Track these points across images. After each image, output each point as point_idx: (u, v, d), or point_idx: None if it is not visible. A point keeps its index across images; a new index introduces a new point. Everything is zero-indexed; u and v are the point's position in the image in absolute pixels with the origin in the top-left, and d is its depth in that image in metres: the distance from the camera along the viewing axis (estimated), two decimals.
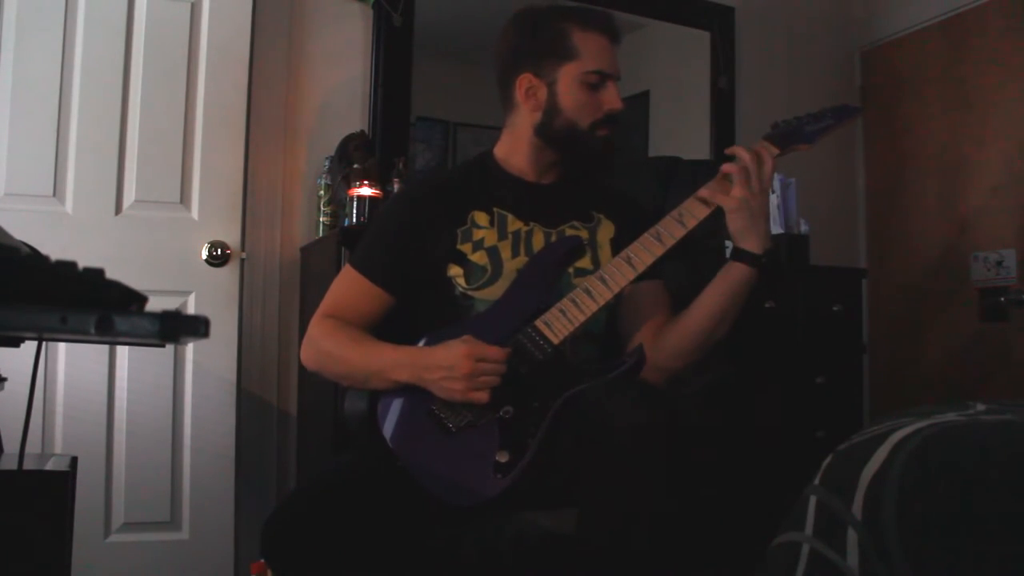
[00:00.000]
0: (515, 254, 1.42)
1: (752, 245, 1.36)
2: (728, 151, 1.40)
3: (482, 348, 1.26)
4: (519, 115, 1.48)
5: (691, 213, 1.36)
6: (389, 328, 1.43)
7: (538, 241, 1.44)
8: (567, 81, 1.42)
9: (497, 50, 1.49)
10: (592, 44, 1.42)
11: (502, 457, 1.24)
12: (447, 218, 1.44)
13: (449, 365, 1.26)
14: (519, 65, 1.46)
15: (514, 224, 1.45)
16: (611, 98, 1.43)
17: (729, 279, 1.38)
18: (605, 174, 1.53)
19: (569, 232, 1.47)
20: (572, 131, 1.43)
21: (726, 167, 1.37)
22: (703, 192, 1.37)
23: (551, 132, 1.45)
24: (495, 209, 1.46)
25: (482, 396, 1.26)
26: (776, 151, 1.40)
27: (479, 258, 1.41)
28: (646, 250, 1.34)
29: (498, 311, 1.37)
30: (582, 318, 1.32)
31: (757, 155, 1.37)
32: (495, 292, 1.39)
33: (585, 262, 1.44)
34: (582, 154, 1.46)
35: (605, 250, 1.47)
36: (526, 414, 1.27)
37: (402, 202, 1.56)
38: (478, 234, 1.43)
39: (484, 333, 1.32)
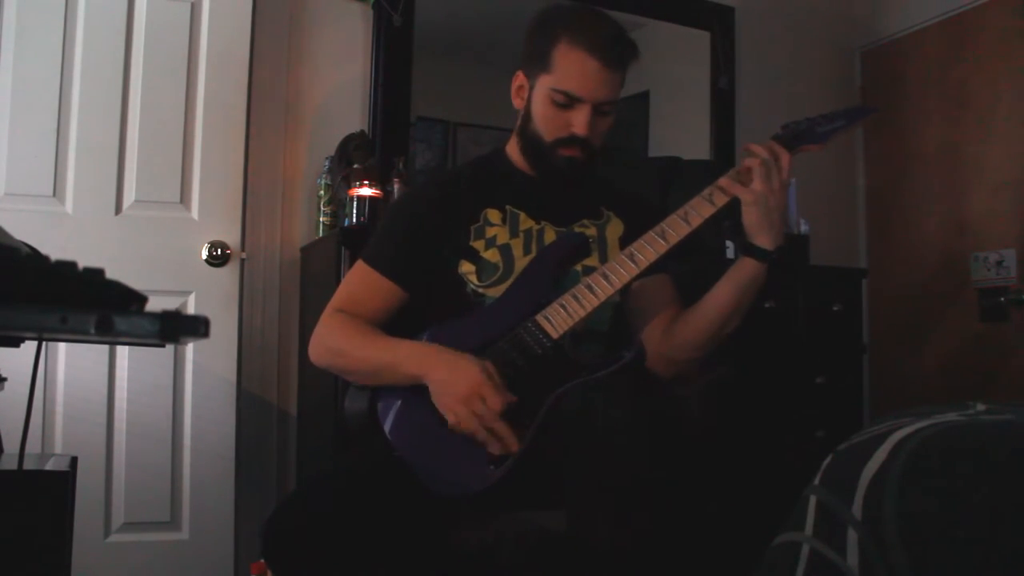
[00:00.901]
0: (527, 252, 1.42)
1: (764, 241, 1.35)
2: (745, 147, 1.38)
3: (490, 388, 1.24)
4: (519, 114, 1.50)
5: (697, 212, 1.35)
6: (399, 324, 1.43)
7: (549, 239, 1.44)
8: (540, 91, 1.41)
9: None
10: (572, 63, 1.37)
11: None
12: (460, 215, 1.44)
13: (455, 380, 1.25)
14: (520, 61, 1.46)
15: (526, 222, 1.45)
16: (578, 122, 1.39)
17: (739, 274, 1.38)
18: (570, 189, 1.51)
19: (579, 231, 1.47)
20: (537, 142, 1.43)
21: (748, 162, 1.35)
22: (723, 181, 1.36)
23: (524, 135, 1.46)
24: (507, 207, 1.46)
25: (456, 423, 1.24)
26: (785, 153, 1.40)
27: (491, 256, 1.41)
28: (650, 247, 1.34)
29: (501, 305, 1.37)
30: (582, 313, 1.32)
31: (772, 152, 1.36)
32: None
33: (593, 260, 1.44)
34: (543, 167, 1.46)
35: (614, 248, 1.47)
36: (522, 407, 1.27)
37: (414, 198, 1.55)
38: (490, 231, 1.43)
39: (486, 326, 1.32)
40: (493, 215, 1.45)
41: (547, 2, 1.48)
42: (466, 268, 1.41)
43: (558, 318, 1.32)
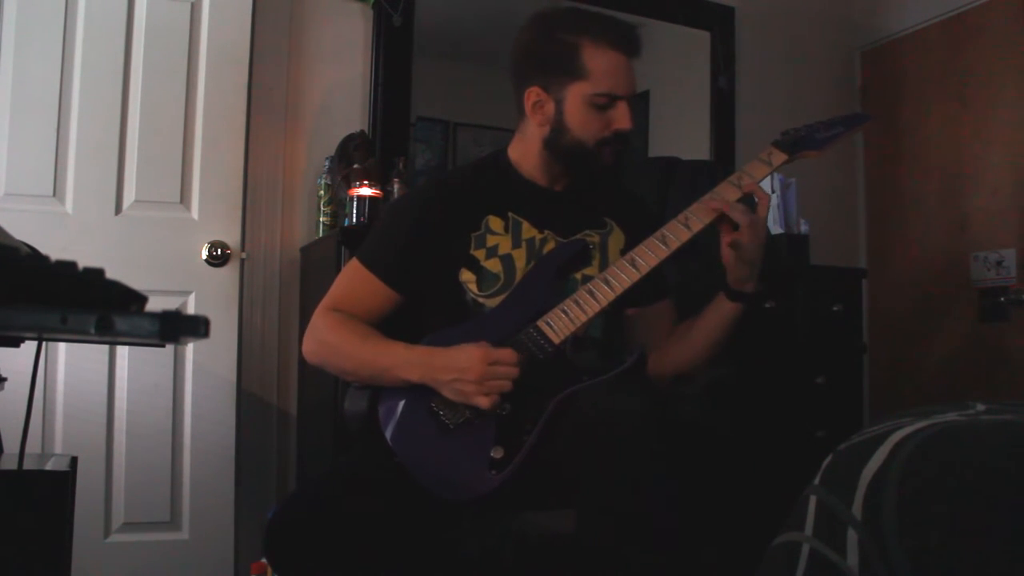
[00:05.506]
0: (528, 262, 1.41)
1: (748, 287, 1.39)
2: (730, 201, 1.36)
3: (495, 351, 1.26)
4: (529, 125, 1.46)
5: (697, 217, 1.36)
6: (394, 326, 1.42)
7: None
8: (575, 100, 1.39)
9: (511, 52, 1.47)
10: (604, 63, 1.38)
11: (497, 453, 1.24)
12: (461, 221, 1.43)
13: (462, 368, 1.25)
14: (529, 76, 1.43)
15: (529, 232, 1.44)
16: (620, 118, 1.40)
17: (721, 315, 1.42)
18: (610, 180, 1.53)
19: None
20: (578, 149, 1.41)
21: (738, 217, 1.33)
22: (725, 191, 1.37)
23: (557, 148, 1.43)
24: (510, 214, 1.44)
25: (485, 401, 1.25)
26: (784, 158, 1.40)
27: (492, 265, 1.40)
28: (651, 253, 1.34)
29: (502, 311, 1.37)
30: (584, 318, 1.32)
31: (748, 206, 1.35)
32: None
33: (593, 270, 1.43)
34: (588, 169, 1.45)
35: (614, 258, 1.46)
36: (523, 412, 1.27)
37: (415, 201, 1.52)
38: (492, 240, 1.42)
39: (487, 332, 1.31)
40: (495, 223, 1.43)
41: (544, 4, 1.47)
42: (466, 277, 1.40)
43: (559, 323, 1.32)
